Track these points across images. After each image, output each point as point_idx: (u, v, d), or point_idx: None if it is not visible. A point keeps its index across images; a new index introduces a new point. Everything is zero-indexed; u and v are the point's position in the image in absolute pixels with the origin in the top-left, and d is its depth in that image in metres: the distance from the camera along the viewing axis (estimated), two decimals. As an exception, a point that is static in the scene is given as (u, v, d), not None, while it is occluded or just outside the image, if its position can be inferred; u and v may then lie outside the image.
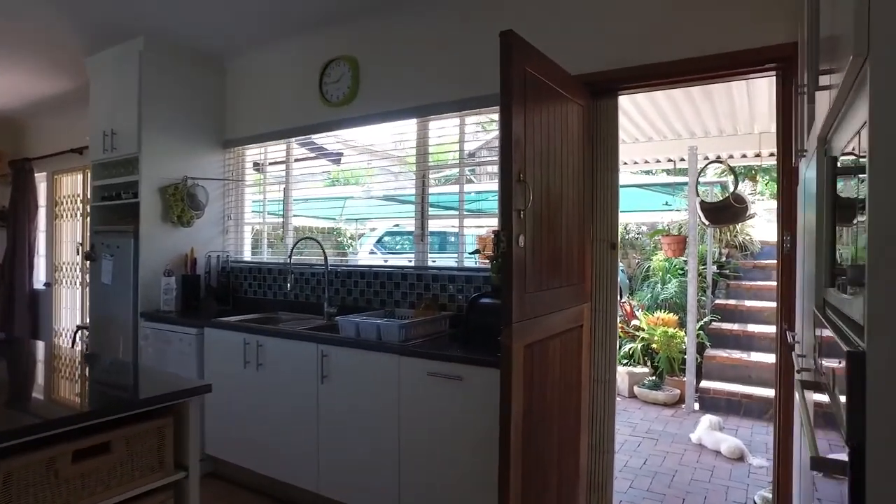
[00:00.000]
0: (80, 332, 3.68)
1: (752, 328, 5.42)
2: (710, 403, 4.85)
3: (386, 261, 7.66)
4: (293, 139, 4.00)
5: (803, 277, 1.76)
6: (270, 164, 4.25)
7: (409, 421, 2.49)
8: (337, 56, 3.60)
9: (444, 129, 3.33)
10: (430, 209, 3.36)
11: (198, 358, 3.29)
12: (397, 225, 8.17)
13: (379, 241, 9.22)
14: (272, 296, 3.94)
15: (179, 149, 3.92)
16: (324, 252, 3.55)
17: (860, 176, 0.83)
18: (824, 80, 1.01)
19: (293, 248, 3.58)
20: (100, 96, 3.97)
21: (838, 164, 0.88)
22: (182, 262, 3.90)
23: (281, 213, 4.10)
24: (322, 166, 4.40)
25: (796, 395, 1.25)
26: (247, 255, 4.28)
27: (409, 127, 3.42)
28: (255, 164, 4.35)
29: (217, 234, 4.21)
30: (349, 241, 10.56)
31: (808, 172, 1.62)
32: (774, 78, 2.39)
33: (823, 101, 1.10)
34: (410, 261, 3.42)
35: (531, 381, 2.04)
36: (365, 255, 8.42)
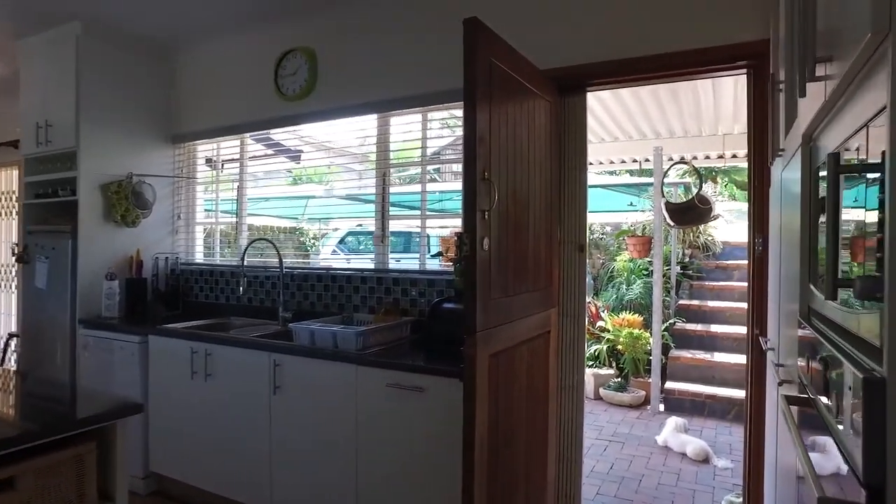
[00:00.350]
0: (11, 340, 3.38)
1: (716, 328, 5.45)
2: (675, 404, 4.84)
3: (349, 262, 7.47)
4: (247, 134, 3.79)
5: (778, 281, 1.68)
6: (227, 161, 4.02)
7: (368, 435, 2.34)
8: (293, 47, 3.41)
9: (408, 126, 3.18)
10: (392, 209, 3.21)
11: (142, 368, 3.06)
12: (360, 225, 7.97)
13: (342, 241, 9.00)
14: (225, 300, 3.72)
15: (123, 143, 3.66)
16: (278, 253, 3.36)
17: (869, 175, 0.72)
18: (820, 70, 0.91)
19: (246, 250, 3.37)
20: (32, 85, 3.66)
21: (841, 162, 0.77)
22: (126, 265, 3.64)
23: (235, 212, 3.88)
24: (281, 164, 4.20)
25: (780, 413, 1.15)
26: (198, 257, 4.04)
27: (369, 123, 3.27)
28: (208, 161, 4.11)
29: (166, 234, 3.96)
30: (312, 241, 10.29)
31: (785, 173, 1.55)
32: (745, 77, 2.33)
33: (815, 94, 1.01)
34: (373, 262, 3.27)
35: (496, 393, 1.91)
36: (327, 256, 8.20)
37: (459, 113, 2.91)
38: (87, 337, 3.31)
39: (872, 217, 0.71)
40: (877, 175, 0.69)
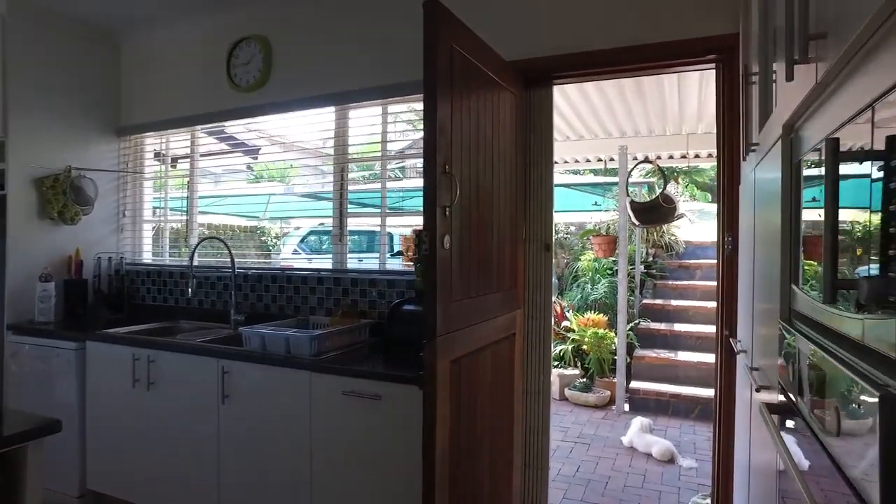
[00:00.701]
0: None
1: (679, 327, 5.47)
2: (640, 404, 4.83)
3: (310, 261, 7.24)
4: (199, 127, 3.57)
5: (751, 281, 1.62)
6: (179, 157, 3.80)
7: (323, 447, 2.19)
8: (246, 35, 3.23)
9: (369, 119, 3.04)
10: (354, 207, 3.07)
11: (78, 377, 2.83)
12: (322, 224, 7.76)
13: (303, 240, 8.76)
14: (174, 302, 3.51)
15: (61, 135, 3.40)
16: (230, 253, 3.16)
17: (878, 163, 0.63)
18: (811, 51, 0.82)
19: (195, 249, 3.17)
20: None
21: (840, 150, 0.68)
22: (64, 265, 3.39)
23: (186, 209, 3.67)
24: (239, 160, 4.01)
25: (761, 419, 1.07)
26: (146, 257, 3.80)
27: (327, 116, 3.11)
28: (157, 154, 3.88)
29: (110, 232, 3.71)
30: (273, 240, 9.99)
31: (760, 168, 1.48)
32: (713, 73, 2.28)
33: (801, 79, 0.92)
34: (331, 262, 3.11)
35: (458, 400, 1.80)
36: (288, 256, 7.95)
37: (421, 107, 2.79)
38: (16, 344, 3.05)
39: (849, 215, 0.62)
40: (880, 163, 0.59)
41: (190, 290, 3.07)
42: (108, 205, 3.67)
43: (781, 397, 1.07)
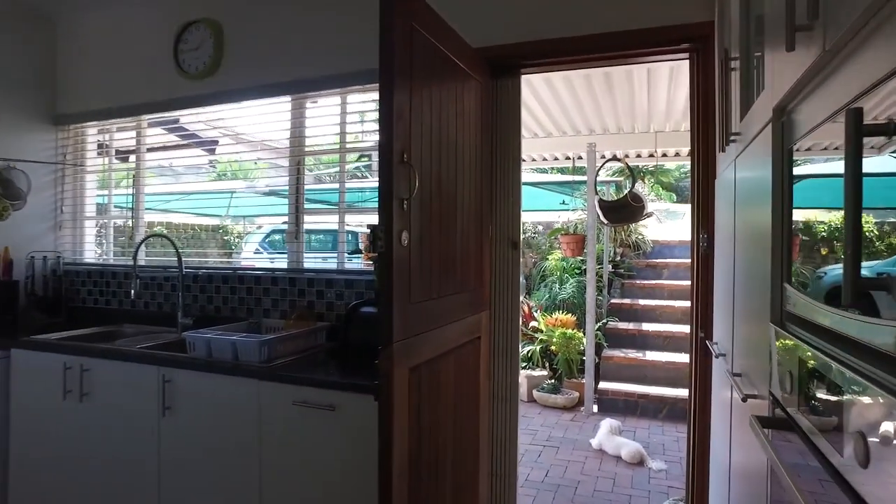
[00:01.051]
0: None
1: (647, 327, 5.45)
2: (609, 405, 4.77)
3: (273, 261, 6.99)
4: (146, 117, 3.33)
5: (731, 280, 1.52)
6: (128, 150, 3.54)
7: (273, 462, 2.01)
8: (196, 19, 3.01)
9: (330, 108, 2.86)
10: (317, 206, 2.88)
11: (2, 388, 2.57)
12: (286, 222, 7.48)
13: (266, 239, 8.47)
14: (118, 305, 3.26)
15: (-13, 123, 3.12)
16: (177, 252, 2.94)
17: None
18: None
19: (139, 247, 2.94)
20: None
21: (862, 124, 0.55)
22: (-7, 265, 3.11)
23: (131, 205, 3.42)
24: (194, 154, 3.76)
25: (756, 440, 0.95)
26: (88, 256, 3.53)
27: (283, 106, 2.93)
28: (101, 146, 3.62)
29: (46, 230, 3.43)
30: (236, 239, 9.65)
31: (742, 160, 1.37)
32: (686, 63, 2.19)
33: (805, 51, 0.80)
34: (286, 261, 2.92)
35: (418, 412, 1.65)
36: (249, 255, 7.67)
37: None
38: (-65, 352, 2.76)
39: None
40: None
41: (133, 291, 2.84)
42: (43, 200, 3.39)
43: (778, 411, 0.96)
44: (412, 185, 1.54)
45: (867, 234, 0.64)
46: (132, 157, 3.59)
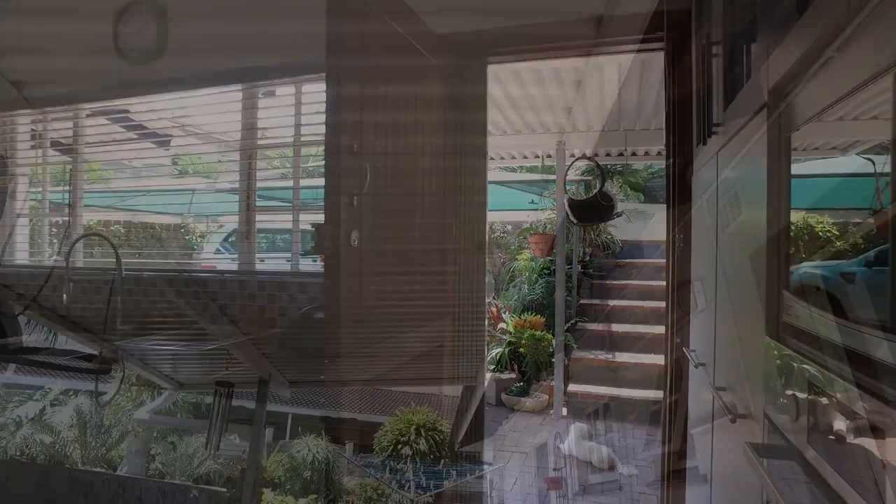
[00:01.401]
0: None
1: (617, 327, 5.39)
2: (578, 407, 4.68)
3: (235, 261, 6.70)
4: (86, 105, 3.08)
5: (713, 284, 1.39)
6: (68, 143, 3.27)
7: None
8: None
9: (284, 98, 2.67)
10: (274, 203, 2.69)
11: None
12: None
13: (227, 238, 8.14)
14: (50, 310, 2.99)
15: None
16: (116, 253, 2.70)
17: None
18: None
19: (72, 247, 2.70)
20: None
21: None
22: None
23: (67, 201, 3.15)
24: (144, 148, 3.51)
25: (752, 473, 0.82)
26: (20, 258, 3.25)
27: (234, 96, 2.72)
28: (34, 136, 3.34)
29: (-30, 228, 3.14)
30: (198, 239, 9.27)
31: (724, 153, 1.25)
32: (659, 57, 2.07)
33: (798, 34, 0.67)
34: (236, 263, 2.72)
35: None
36: (210, 256, 7.36)
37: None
38: None
39: None
40: None
41: (65, 296, 2.59)
42: (-32, 195, 3.10)
43: (774, 436, 0.82)
44: (363, 179, 1.37)
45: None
46: (76, 151, 3.32)
